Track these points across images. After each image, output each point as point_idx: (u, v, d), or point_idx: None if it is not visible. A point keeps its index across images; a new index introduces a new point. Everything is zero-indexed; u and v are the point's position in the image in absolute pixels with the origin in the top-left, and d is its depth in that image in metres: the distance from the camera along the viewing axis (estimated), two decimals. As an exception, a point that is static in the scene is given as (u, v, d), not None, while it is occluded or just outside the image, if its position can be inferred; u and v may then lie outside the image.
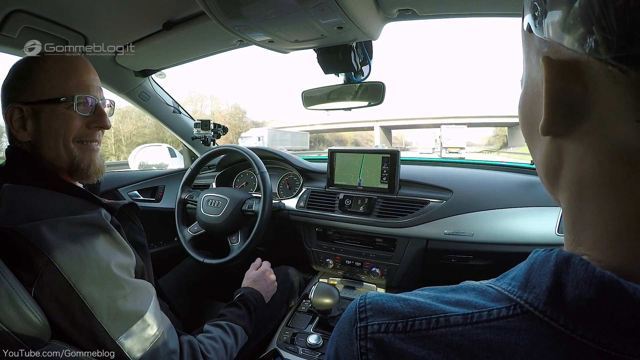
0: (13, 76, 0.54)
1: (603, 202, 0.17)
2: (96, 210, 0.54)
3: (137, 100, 1.25)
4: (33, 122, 0.52)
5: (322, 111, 1.06)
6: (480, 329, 0.18)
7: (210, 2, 0.61)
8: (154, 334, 0.50)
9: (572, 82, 0.17)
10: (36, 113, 0.52)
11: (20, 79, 0.53)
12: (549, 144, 0.21)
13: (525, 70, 0.23)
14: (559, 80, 0.17)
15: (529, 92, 0.22)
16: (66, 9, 0.75)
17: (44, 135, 0.53)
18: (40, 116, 0.52)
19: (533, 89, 0.21)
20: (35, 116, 0.52)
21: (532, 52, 0.21)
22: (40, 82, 0.52)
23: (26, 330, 0.40)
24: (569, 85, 0.17)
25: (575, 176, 0.19)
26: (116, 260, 0.49)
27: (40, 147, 0.53)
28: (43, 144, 0.53)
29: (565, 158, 0.19)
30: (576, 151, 0.18)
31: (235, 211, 1.06)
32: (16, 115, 0.52)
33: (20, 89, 0.53)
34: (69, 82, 0.53)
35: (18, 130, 0.52)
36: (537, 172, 0.25)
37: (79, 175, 0.57)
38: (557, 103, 0.18)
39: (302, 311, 0.97)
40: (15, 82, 0.54)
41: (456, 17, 0.78)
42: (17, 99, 0.52)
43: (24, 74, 0.53)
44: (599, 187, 0.17)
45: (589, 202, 0.18)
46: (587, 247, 0.18)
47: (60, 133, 0.53)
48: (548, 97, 0.18)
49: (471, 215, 0.92)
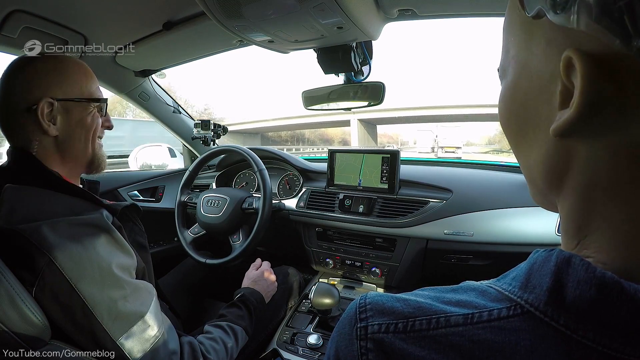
0: (34, 73, 0.54)
1: (616, 205, 0.17)
2: (97, 211, 0.54)
3: (137, 100, 1.25)
4: (63, 118, 0.55)
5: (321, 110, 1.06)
6: (481, 330, 0.18)
7: (210, 2, 0.61)
8: (155, 335, 0.50)
9: (607, 79, 0.15)
10: (67, 110, 0.55)
11: (44, 76, 0.54)
12: (552, 145, 0.19)
13: (515, 60, 0.21)
14: (597, 77, 0.15)
15: (523, 86, 0.20)
16: (66, 9, 0.75)
17: (76, 131, 0.57)
18: (72, 113, 0.56)
19: (532, 82, 0.19)
20: (66, 112, 0.55)
21: (535, 41, 0.19)
22: (68, 81, 0.56)
23: (26, 330, 0.40)
24: (605, 83, 0.15)
25: (585, 179, 0.18)
26: (117, 261, 0.49)
27: (69, 142, 0.56)
28: (73, 139, 0.57)
29: (573, 160, 0.18)
30: (589, 153, 0.17)
31: (236, 210, 1.06)
32: (47, 110, 0.53)
33: (46, 86, 0.54)
34: (92, 85, 0.59)
35: (49, 124, 0.54)
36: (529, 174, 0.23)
37: (95, 168, 0.62)
38: (592, 102, 0.15)
39: (302, 311, 0.97)
40: (39, 79, 0.54)
41: (456, 17, 0.78)
42: (46, 95, 0.53)
43: (48, 72, 0.55)
44: (613, 190, 0.17)
45: (599, 206, 0.17)
46: (592, 250, 0.18)
47: (90, 129, 0.58)
48: (583, 96, 0.15)
49: (471, 215, 0.92)
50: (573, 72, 0.16)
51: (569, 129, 0.17)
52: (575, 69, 0.16)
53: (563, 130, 0.17)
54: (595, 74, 0.15)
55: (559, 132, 0.17)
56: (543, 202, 0.24)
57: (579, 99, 0.16)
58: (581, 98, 0.15)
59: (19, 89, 0.53)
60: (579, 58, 0.15)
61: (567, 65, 0.16)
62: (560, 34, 0.17)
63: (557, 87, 0.17)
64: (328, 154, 1.14)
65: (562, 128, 0.17)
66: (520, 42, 0.20)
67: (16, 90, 0.53)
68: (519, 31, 0.20)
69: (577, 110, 0.16)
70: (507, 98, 0.22)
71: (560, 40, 0.17)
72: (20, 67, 0.54)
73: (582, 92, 0.15)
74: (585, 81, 0.15)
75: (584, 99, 0.15)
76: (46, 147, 0.54)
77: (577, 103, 0.16)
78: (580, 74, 0.15)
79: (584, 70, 0.15)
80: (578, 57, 0.15)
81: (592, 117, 0.16)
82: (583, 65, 0.15)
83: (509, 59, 0.22)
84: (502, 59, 0.23)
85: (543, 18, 0.17)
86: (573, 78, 0.16)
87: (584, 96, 0.15)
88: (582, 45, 0.15)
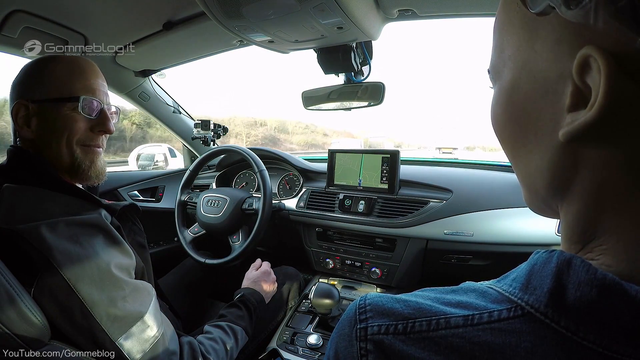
0: (23, 75, 0.55)
1: (627, 210, 0.16)
2: (96, 211, 0.54)
3: (137, 100, 1.25)
4: (38, 120, 0.53)
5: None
6: (481, 331, 0.18)
7: (210, 2, 0.61)
8: (154, 335, 0.50)
9: (628, 78, 0.14)
10: (42, 112, 0.52)
11: (29, 78, 0.54)
12: (558, 150, 0.18)
13: (513, 60, 0.20)
14: (619, 76, 0.14)
15: (523, 87, 0.19)
16: (66, 9, 0.75)
17: (48, 135, 0.53)
18: (45, 115, 0.52)
19: (534, 84, 0.18)
20: (40, 115, 0.52)
21: (540, 39, 0.18)
22: (48, 81, 0.53)
23: (26, 331, 0.40)
24: (626, 83, 0.14)
25: (594, 184, 0.17)
26: (116, 261, 0.49)
27: (43, 146, 0.53)
28: (46, 143, 0.53)
29: (581, 165, 0.17)
30: (600, 157, 0.16)
31: (236, 210, 1.06)
32: (21, 113, 0.52)
33: (28, 87, 0.53)
34: (76, 84, 0.54)
35: (22, 127, 0.53)
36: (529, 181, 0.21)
37: (79, 177, 0.57)
38: (614, 103, 0.14)
39: (302, 311, 0.97)
40: (24, 80, 0.54)
41: (456, 17, 0.78)
42: (24, 97, 0.53)
43: (34, 73, 0.54)
44: (624, 194, 0.16)
45: (607, 211, 0.17)
46: (596, 253, 0.18)
47: (63, 134, 0.53)
48: (606, 97, 0.14)
49: (471, 216, 0.92)
50: (588, 72, 0.15)
51: (584, 132, 0.16)
52: (591, 68, 0.15)
53: (577, 133, 0.16)
54: (617, 73, 0.14)
55: (572, 136, 0.16)
56: (542, 209, 0.23)
57: (602, 99, 0.14)
58: (604, 99, 0.14)
59: (11, 92, 0.54)
60: (601, 56, 0.14)
61: (583, 65, 0.15)
62: (571, 31, 0.16)
63: (567, 88, 0.16)
64: (328, 154, 1.14)
65: (577, 131, 0.16)
66: (519, 40, 0.19)
67: (17, 90, 0.54)
68: (518, 29, 0.19)
69: (598, 111, 0.15)
70: (503, 101, 0.21)
71: (572, 38, 0.16)
72: (24, 69, 0.55)
73: (606, 92, 0.14)
74: (609, 80, 0.14)
75: (606, 99, 0.14)
76: (33, 150, 0.54)
77: (599, 104, 0.15)
78: (604, 73, 0.14)
79: (608, 69, 0.14)
80: (600, 55, 0.14)
81: (612, 119, 0.15)
82: (607, 63, 0.14)
83: (503, 59, 0.21)
84: (493, 59, 0.22)
85: (550, 15, 0.16)
86: (587, 78, 0.15)
87: (607, 97, 0.14)
88: (599, 43, 0.15)
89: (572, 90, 0.16)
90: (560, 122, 0.17)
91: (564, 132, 0.17)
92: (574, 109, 0.16)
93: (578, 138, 0.16)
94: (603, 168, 0.16)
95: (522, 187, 0.23)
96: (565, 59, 0.16)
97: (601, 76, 0.14)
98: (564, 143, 0.17)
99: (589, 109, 0.15)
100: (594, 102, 0.15)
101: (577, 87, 0.16)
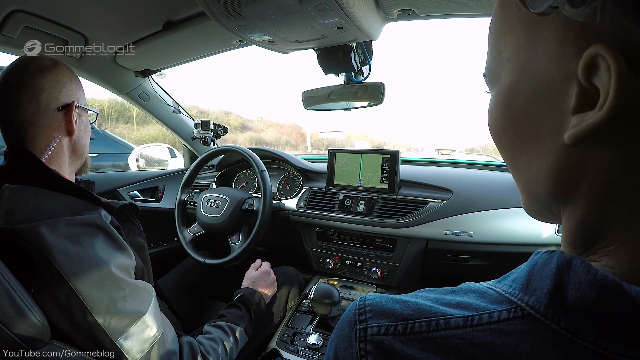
0: (62, 75, 0.57)
1: (633, 213, 0.16)
2: (96, 211, 0.54)
3: (137, 100, 1.25)
4: (78, 121, 0.60)
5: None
6: (481, 332, 0.18)
7: (210, 2, 0.61)
8: (154, 335, 0.50)
9: (637, 77, 0.14)
10: (80, 115, 0.61)
11: (70, 80, 0.58)
12: (563, 153, 0.17)
13: (512, 62, 0.19)
14: (629, 76, 0.14)
15: (524, 90, 0.19)
16: (66, 9, 0.75)
17: (83, 135, 0.62)
18: (82, 118, 0.61)
19: (535, 86, 0.18)
20: (79, 117, 0.60)
21: (542, 40, 0.17)
22: (81, 89, 0.62)
23: (26, 331, 0.40)
24: (636, 82, 0.14)
25: (600, 188, 0.17)
26: (116, 261, 0.49)
27: (79, 143, 0.62)
28: (82, 141, 0.62)
29: (586, 168, 0.17)
30: (607, 159, 0.16)
31: (236, 210, 1.06)
32: (74, 111, 0.58)
33: (74, 89, 0.59)
34: (83, 96, 0.63)
35: (72, 121, 0.58)
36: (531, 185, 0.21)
37: (83, 169, 0.66)
38: (625, 103, 0.14)
39: (302, 311, 0.97)
40: (69, 82, 0.58)
41: (456, 17, 0.77)
42: (73, 98, 0.58)
43: (72, 77, 0.59)
44: (630, 194, 0.16)
45: (612, 213, 0.17)
46: (599, 255, 0.18)
47: (89, 135, 0.65)
48: (617, 97, 0.14)
49: (471, 216, 0.92)
50: (596, 72, 0.15)
51: (592, 133, 0.15)
52: (599, 68, 0.14)
53: (585, 135, 0.15)
54: (627, 73, 0.14)
55: (578, 138, 0.16)
56: (543, 214, 0.22)
57: (613, 99, 0.14)
58: (615, 98, 0.14)
59: (49, 88, 0.54)
60: (610, 55, 0.14)
61: (590, 64, 0.15)
62: (576, 30, 0.15)
63: (571, 89, 0.16)
64: (328, 154, 1.14)
65: (584, 133, 0.15)
66: (519, 42, 0.19)
67: (45, 88, 0.54)
68: (517, 30, 0.19)
69: (609, 112, 0.14)
70: (502, 105, 0.21)
71: (577, 37, 0.15)
72: (48, 68, 0.55)
73: (617, 92, 0.14)
74: (619, 80, 0.14)
75: (617, 99, 0.14)
76: (63, 147, 0.57)
77: (609, 104, 0.14)
78: (614, 72, 0.14)
79: (618, 68, 0.14)
80: (609, 53, 0.14)
81: (621, 119, 0.14)
82: (616, 62, 0.14)
83: (501, 61, 0.20)
84: (490, 62, 0.22)
85: (552, 14, 0.16)
86: (594, 78, 0.15)
87: (618, 96, 0.14)
88: (606, 42, 0.14)
89: (578, 91, 0.16)
90: (564, 124, 0.17)
91: (570, 134, 0.16)
92: (579, 110, 0.16)
93: (584, 140, 0.16)
94: (609, 169, 0.16)
95: (522, 193, 0.23)
96: (569, 59, 0.16)
97: (611, 75, 0.14)
98: (569, 145, 0.17)
99: (599, 110, 0.15)
100: (604, 102, 0.14)
101: (582, 88, 0.16)
